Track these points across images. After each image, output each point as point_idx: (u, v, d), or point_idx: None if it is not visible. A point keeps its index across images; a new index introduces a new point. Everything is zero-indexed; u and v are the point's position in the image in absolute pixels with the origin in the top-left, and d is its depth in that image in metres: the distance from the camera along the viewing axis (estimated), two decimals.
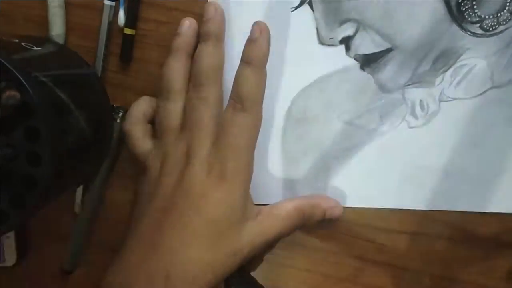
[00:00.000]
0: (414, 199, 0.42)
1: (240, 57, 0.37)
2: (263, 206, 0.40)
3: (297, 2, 0.39)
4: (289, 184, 0.43)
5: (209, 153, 0.37)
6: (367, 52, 0.40)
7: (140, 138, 0.41)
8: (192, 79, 0.39)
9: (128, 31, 0.41)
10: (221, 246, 0.37)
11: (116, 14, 0.41)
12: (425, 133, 0.41)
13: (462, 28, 0.38)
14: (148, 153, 0.40)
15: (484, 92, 0.40)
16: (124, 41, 0.41)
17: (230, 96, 0.37)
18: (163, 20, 0.41)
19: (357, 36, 0.39)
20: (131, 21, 0.41)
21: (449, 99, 0.40)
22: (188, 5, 0.40)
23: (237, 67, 0.37)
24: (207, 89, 0.38)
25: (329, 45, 0.40)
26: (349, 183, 0.42)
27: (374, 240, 0.43)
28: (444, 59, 0.39)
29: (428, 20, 0.38)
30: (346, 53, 0.40)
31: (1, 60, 0.30)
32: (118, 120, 0.42)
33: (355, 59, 0.40)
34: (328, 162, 0.42)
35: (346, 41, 0.40)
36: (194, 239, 0.37)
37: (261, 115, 0.38)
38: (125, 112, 0.42)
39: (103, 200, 0.45)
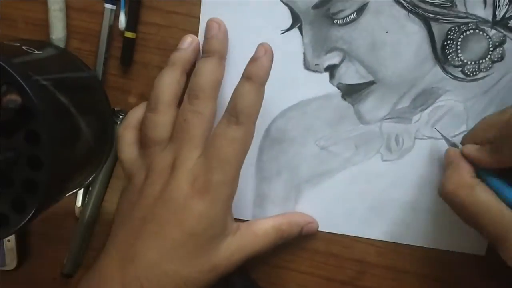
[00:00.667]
0: (378, 230, 0.43)
1: (233, 74, 0.38)
2: (242, 223, 0.41)
3: (288, 25, 0.40)
4: (260, 202, 0.44)
5: (195, 164, 0.37)
6: (350, 82, 0.40)
7: (129, 144, 0.41)
8: (189, 92, 0.38)
9: (129, 34, 0.41)
10: (198, 261, 0.37)
11: (116, 17, 0.41)
12: (397, 167, 0.42)
13: (444, 70, 0.39)
14: (134, 160, 0.40)
15: (459, 134, 0.40)
16: (125, 45, 0.41)
17: (226, 110, 0.37)
18: (163, 24, 0.41)
19: (342, 65, 0.40)
20: (132, 24, 0.41)
21: (424, 137, 0.41)
22: (188, 8, 0.41)
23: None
24: (204, 104, 0.38)
25: (314, 71, 0.41)
26: (317, 207, 0.43)
27: (375, 243, 0.43)
28: (423, 97, 0.40)
29: (412, 58, 0.39)
30: (329, 81, 0.41)
31: (2, 63, 0.30)
32: (118, 123, 0.42)
33: (337, 87, 0.41)
34: (300, 184, 0.43)
35: (331, 69, 0.40)
36: (172, 252, 0.36)
37: (253, 132, 0.37)
38: (125, 114, 0.42)
39: (103, 203, 0.45)
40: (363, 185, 0.42)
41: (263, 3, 0.40)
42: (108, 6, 0.41)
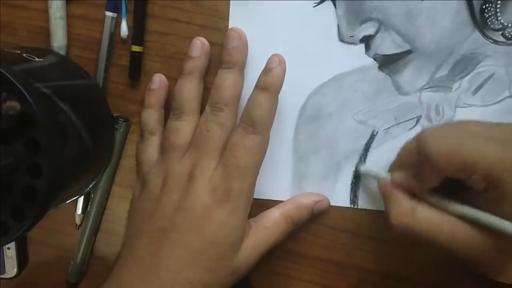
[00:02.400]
0: None
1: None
2: (251, 219, 0.40)
3: None
4: (298, 181, 0.42)
5: (214, 174, 0.37)
6: (386, 53, 0.40)
7: (152, 146, 0.41)
8: (212, 102, 0.39)
9: (136, 48, 0.41)
10: (220, 267, 0.37)
11: (118, 25, 0.41)
12: None
13: (484, 34, 0.38)
14: (153, 163, 0.40)
15: (501, 100, 0.39)
16: (132, 59, 0.42)
17: (241, 119, 0.38)
18: (164, 32, 0.41)
19: (377, 35, 0.39)
20: (139, 38, 0.41)
21: (465, 105, 0.40)
22: (189, 16, 0.41)
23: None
24: (226, 115, 0.38)
25: (349, 43, 0.40)
26: (358, 184, 0.42)
27: (376, 251, 0.43)
28: (463, 64, 0.39)
29: (450, 24, 0.38)
30: (365, 52, 0.40)
31: (2, 70, 0.30)
32: (119, 130, 0.42)
33: (374, 59, 0.40)
34: (339, 161, 0.42)
35: (367, 40, 0.40)
36: (194, 260, 0.36)
37: (268, 139, 0.38)
38: (126, 121, 0.42)
39: (105, 211, 0.45)
40: None
41: None
42: (109, 14, 0.41)
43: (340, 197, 0.42)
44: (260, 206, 0.42)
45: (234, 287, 0.40)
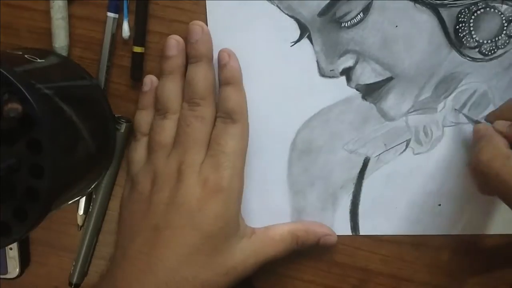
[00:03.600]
0: (425, 224, 0.42)
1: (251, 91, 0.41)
2: (258, 228, 0.41)
3: (296, 37, 0.40)
4: (297, 216, 0.43)
5: (203, 166, 0.38)
6: (368, 82, 0.40)
7: (142, 146, 0.42)
8: (187, 99, 0.40)
9: (137, 49, 0.41)
10: (215, 263, 0.37)
11: (119, 26, 0.41)
12: (430, 159, 0.41)
13: (461, 53, 0.39)
14: (142, 163, 0.41)
15: None
16: (134, 60, 0.42)
17: (217, 115, 0.39)
18: (166, 32, 0.41)
19: (357, 66, 0.40)
20: (140, 39, 0.41)
21: (452, 123, 0.41)
22: (190, 16, 0.41)
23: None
24: (203, 109, 0.39)
25: (330, 77, 0.41)
26: (357, 212, 0.43)
27: (378, 252, 0.43)
28: (445, 85, 0.40)
29: (427, 47, 0.39)
30: (347, 84, 0.41)
31: (4, 72, 0.30)
32: (121, 131, 0.42)
33: (356, 89, 0.41)
34: (335, 192, 0.42)
35: (347, 72, 0.40)
36: (190, 256, 0.37)
37: (248, 124, 0.40)
38: (128, 122, 0.42)
39: (107, 211, 0.45)
40: (399, 182, 0.42)
41: (269, 18, 0.40)
42: (110, 15, 0.41)
43: (341, 226, 0.43)
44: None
45: (235, 286, 0.40)
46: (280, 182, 0.42)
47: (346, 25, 0.39)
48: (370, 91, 0.40)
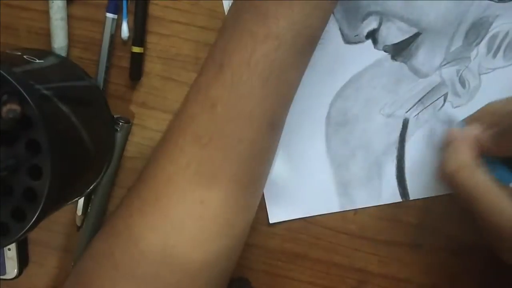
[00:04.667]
0: None
1: None
2: None
3: None
4: (343, 189, 0.42)
5: None
6: (395, 41, 0.39)
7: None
8: None
9: (136, 49, 0.41)
10: None
11: (118, 27, 0.41)
12: (470, 110, 0.39)
13: None
14: None
15: None
16: (133, 60, 0.42)
17: None
18: (165, 33, 0.41)
19: (382, 27, 0.39)
20: (139, 39, 0.41)
21: (489, 70, 0.39)
22: (190, 18, 0.41)
23: None
24: None
25: (355, 42, 0.40)
26: (404, 177, 0.41)
27: (376, 253, 0.43)
28: (475, 31, 0.39)
29: None
30: (374, 47, 0.40)
31: (3, 73, 0.30)
32: (120, 131, 0.42)
33: (384, 50, 0.40)
34: (379, 158, 0.41)
35: (372, 35, 0.40)
36: None
37: None
38: (126, 123, 0.42)
39: (106, 212, 0.45)
40: (442, 139, 0.39)
41: None
42: (110, 15, 0.41)
43: (389, 193, 0.42)
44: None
45: (234, 287, 0.40)
46: (320, 158, 0.41)
47: None
48: (399, 50, 0.39)
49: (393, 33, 0.39)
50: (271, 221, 0.43)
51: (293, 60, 0.33)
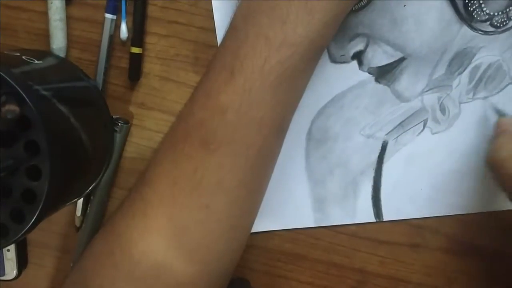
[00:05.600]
0: (448, 205, 0.41)
1: None
2: None
3: None
4: (319, 205, 0.43)
5: None
6: (380, 64, 0.40)
7: None
8: None
9: (135, 50, 0.41)
10: None
11: (117, 27, 0.41)
12: (449, 136, 0.41)
13: (472, 28, 0.39)
14: None
15: (504, 88, 0.40)
16: (132, 60, 0.42)
17: None
18: (164, 34, 0.41)
19: (368, 49, 0.40)
20: (138, 40, 0.41)
21: (469, 99, 0.40)
22: (189, 18, 0.40)
23: None
24: None
25: (341, 62, 0.40)
26: (379, 197, 0.42)
27: (376, 253, 0.43)
28: (458, 61, 0.40)
29: (437, 24, 0.39)
30: (359, 68, 0.40)
31: (1, 73, 0.30)
32: (119, 132, 0.42)
33: (369, 72, 0.40)
34: (355, 178, 0.42)
35: (358, 56, 0.40)
36: None
37: None
38: (125, 123, 0.42)
39: (105, 212, 0.45)
40: (419, 163, 0.41)
41: None
42: (108, 16, 0.41)
43: (364, 213, 0.42)
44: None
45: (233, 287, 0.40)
46: (299, 173, 0.42)
47: (354, 8, 0.39)
48: (383, 73, 0.40)
49: (379, 56, 0.40)
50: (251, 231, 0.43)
51: (303, 67, 0.33)
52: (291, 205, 0.42)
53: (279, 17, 0.31)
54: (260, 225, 0.43)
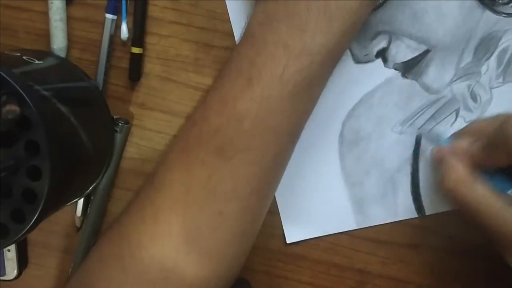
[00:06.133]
0: None
1: None
2: None
3: None
4: (359, 207, 0.42)
5: None
6: (405, 59, 0.39)
7: None
8: None
9: (136, 50, 0.41)
10: None
11: (118, 27, 0.41)
12: None
13: (494, 11, 0.38)
14: None
15: None
16: (132, 60, 0.42)
17: None
18: (164, 34, 0.41)
19: (391, 46, 0.39)
20: (139, 40, 0.41)
21: (500, 84, 0.39)
22: (189, 18, 0.40)
23: None
24: None
25: (366, 62, 0.40)
26: (419, 192, 0.41)
27: (376, 253, 0.43)
28: (484, 46, 0.38)
29: (458, 12, 0.38)
30: (385, 65, 0.40)
31: (2, 73, 0.30)
32: (119, 132, 0.42)
33: (395, 69, 0.40)
34: (393, 175, 0.41)
35: (382, 54, 0.40)
36: None
37: None
38: (126, 123, 0.42)
39: (105, 212, 0.45)
40: None
41: None
42: (109, 16, 0.41)
43: (405, 210, 0.42)
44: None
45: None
46: (335, 177, 0.42)
47: None
48: (409, 68, 0.40)
49: (403, 51, 0.39)
50: (288, 241, 0.43)
51: (321, 75, 0.33)
52: (330, 210, 0.42)
53: (298, 25, 0.31)
54: (301, 233, 0.43)
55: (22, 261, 0.46)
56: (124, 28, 0.41)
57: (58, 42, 0.41)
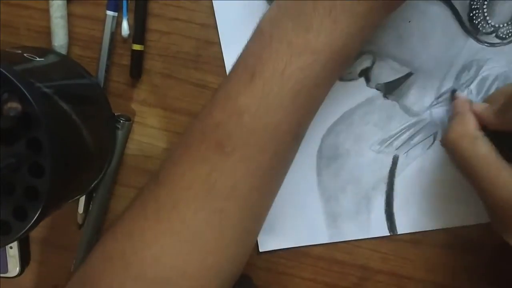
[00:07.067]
0: (462, 215, 0.41)
1: None
2: None
3: None
4: (332, 221, 0.43)
5: None
6: (387, 80, 0.40)
7: None
8: None
9: (137, 47, 0.41)
10: None
11: (119, 24, 0.41)
12: None
13: (478, 40, 0.39)
14: None
15: None
16: (133, 57, 0.42)
17: None
18: (165, 31, 0.41)
19: (375, 66, 0.40)
20: (140, 37, 0.41)
21: None
22: (190, 15, 0.40)
23: None
24: None
25: (349, 80, 0.41)
26: (392, 211, 0.42)
27: (378, 249, 0.43)
28: (466, 73, 0.40)
29: (442, 39, 0.39)
30: (367, 85, 0.41)
31: (3, 71, 0.30)
32: (120, 129, 0.42)
33: (377, 89, 0.41)
34: (368, 193, 0.42)
35: (365, 73, 0.40)
36: None
37: None
38: (127, 120, 0.42)
39: (107, 210, 0.45)
40: (430, 176, 0.41)
41: None
42: (110, 13, 0.41)
43: (377, 228, 0.43)
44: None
45: (236, 286, 0.40)
46: (311, 191, 0.42)
47: None
48: (391, 89, 0.40)
49: (386, 72, 0.40)
50: (260, 250, 0.44)
51: (325, 76, 0.33)
52: (304, 222, 0.43)
53: (303, 23, 0.31)
54: (273, 243, 0.43)
55: (24, 258, 0.46)
56: (125, 25, 0.41)
57: (59, 40, 0.41)
